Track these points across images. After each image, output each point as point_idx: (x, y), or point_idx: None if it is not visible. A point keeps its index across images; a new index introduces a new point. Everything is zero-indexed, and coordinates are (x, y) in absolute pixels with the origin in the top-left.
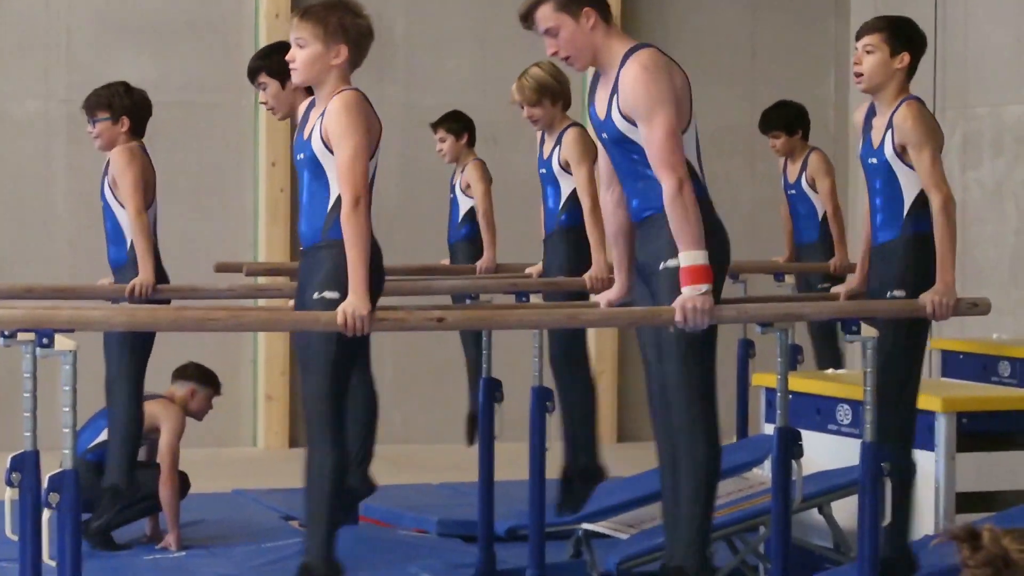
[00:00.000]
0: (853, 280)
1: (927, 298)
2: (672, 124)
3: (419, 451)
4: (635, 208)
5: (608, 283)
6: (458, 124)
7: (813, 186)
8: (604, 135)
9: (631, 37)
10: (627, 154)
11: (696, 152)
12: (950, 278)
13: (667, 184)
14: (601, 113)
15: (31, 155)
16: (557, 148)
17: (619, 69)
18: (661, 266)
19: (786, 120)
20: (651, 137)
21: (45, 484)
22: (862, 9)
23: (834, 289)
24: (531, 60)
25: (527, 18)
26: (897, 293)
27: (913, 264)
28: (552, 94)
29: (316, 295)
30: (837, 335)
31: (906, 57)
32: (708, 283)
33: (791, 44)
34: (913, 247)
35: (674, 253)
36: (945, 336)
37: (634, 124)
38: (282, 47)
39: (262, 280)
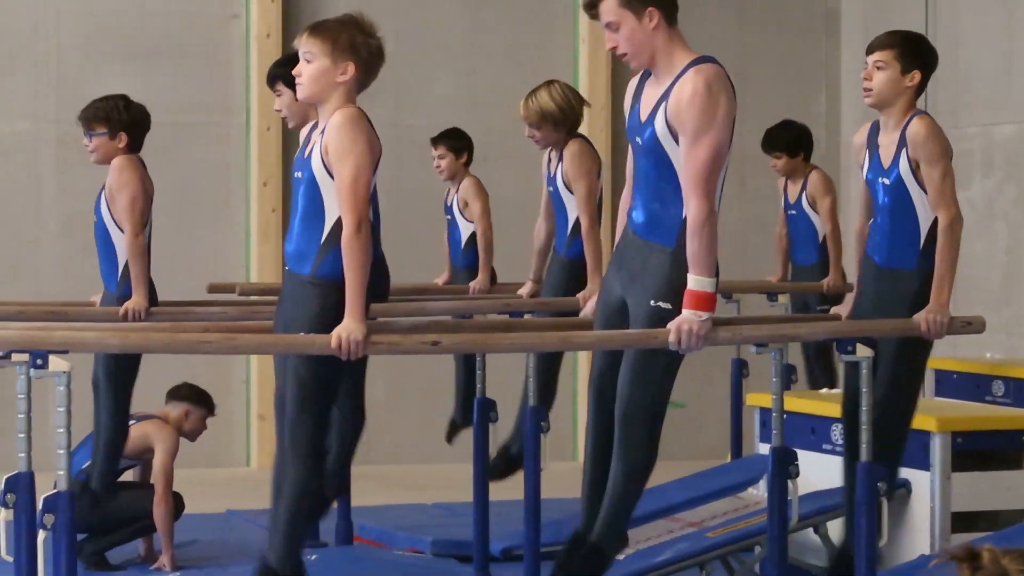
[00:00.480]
0: (853, 300)
1: (921, 317)
2: (719, 150)
3: (412, 471)
4: (640, 224)
5: None
6: (459, 142)
7: (814, 206)
8: (638, 139)
9: (693, 49)
10: (653, 167)
11: (721, 187)
12: (945, 298)
13: (698, 208)
14: (643, 115)
15: (20, 175)
16: (559, 165)
17: (678, 76)
18: (652, 303)
19: (789, 141)
20: (694, 157)
21: (40, 505)
22: (852, 29)
23: (835, 309)
24: (519, 80)
25: (591, 8)
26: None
27: (925, 301)
28: (554, 120)
29: (304, 335)
30: (832, 354)
31: (917, 75)
32: (711, 312)
33: (781, 63)
34: (928, 284)
35: (666, 296)
36: (938, 355)
37: (674, 138)
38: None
39: (255, 300)
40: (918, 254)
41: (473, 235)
